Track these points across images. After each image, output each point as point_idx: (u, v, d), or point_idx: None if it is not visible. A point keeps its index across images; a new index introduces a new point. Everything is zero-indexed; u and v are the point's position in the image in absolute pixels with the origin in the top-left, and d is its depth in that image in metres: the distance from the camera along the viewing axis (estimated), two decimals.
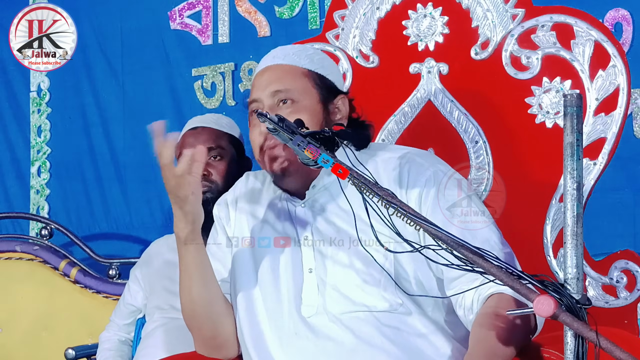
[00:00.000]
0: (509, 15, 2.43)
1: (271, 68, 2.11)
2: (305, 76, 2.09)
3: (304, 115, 2.02)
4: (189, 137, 2.94)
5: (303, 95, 2.06)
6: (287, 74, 2.09)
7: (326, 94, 2.10)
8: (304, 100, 2.06)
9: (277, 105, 2.05)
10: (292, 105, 2.04)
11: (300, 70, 2.10)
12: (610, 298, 2.27)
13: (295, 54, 2.13)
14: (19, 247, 3.82)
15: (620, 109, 2.28)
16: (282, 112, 2.01)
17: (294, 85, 2.07)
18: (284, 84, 2.06)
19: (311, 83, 2.09)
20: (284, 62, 2.11)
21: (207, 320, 2.08)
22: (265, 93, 2.06)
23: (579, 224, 1.55)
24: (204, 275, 2.07)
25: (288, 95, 2.05)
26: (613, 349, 1.45)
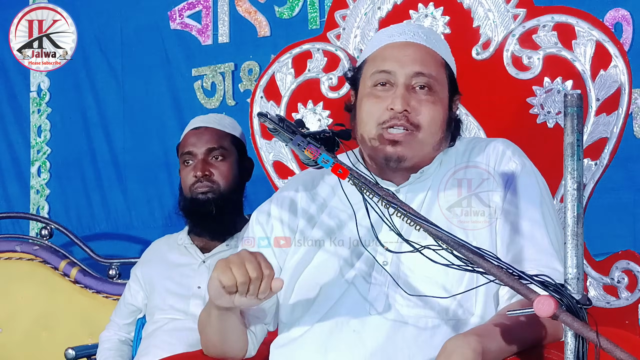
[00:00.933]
0: (510, 15, 2.43)
1: (415, 45, 1.98)
2: (443, 67, 2.00)
3: (438, 106, 1.95)
4: (191, 136, 2.94)
5: (441, 86, 1.98)
6: (431, 59, 1.98)
7: (452, 90, 2.02)
8: (441, 92, 1.97)
9: (412, 87, 1.95)
10: (430, 94, 1.95)
11: (440, 58, 2.00)
12: (611, 298, 2.27)
13: (436, 39, 2.03)
14: (19, 247, 3.82)
15: (622, 109, 2.28)
16: (419, 96, 1.93)
17: (436, 73, 1.97)
18: (429, 68, 1.96)
19: (446, 75, 2.00)
20: (428, 45, 1.99)
21: (217, 348, 2.02)
22: (405, 70, 1.94)
23: (580, 224, 1.54)
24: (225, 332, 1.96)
25: (429, 82, 1.95)
26: (613, 349, 1.44)
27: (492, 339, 1.68)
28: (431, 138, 1.96)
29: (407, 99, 1.93)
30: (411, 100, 1.93)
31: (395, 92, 1.94)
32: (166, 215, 3.98)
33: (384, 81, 1.97)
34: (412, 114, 1.93)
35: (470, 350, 1.60)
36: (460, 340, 1.63)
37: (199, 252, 2.97)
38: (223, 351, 2.02)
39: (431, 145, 1.97)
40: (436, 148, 1.99)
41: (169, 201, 3.93)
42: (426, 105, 1.94)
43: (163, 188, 4.01)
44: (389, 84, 1.96)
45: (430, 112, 1.94)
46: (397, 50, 1.98)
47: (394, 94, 1.94)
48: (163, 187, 4.01)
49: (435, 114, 1.95)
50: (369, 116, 1.96)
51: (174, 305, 2.91)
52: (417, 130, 1.93)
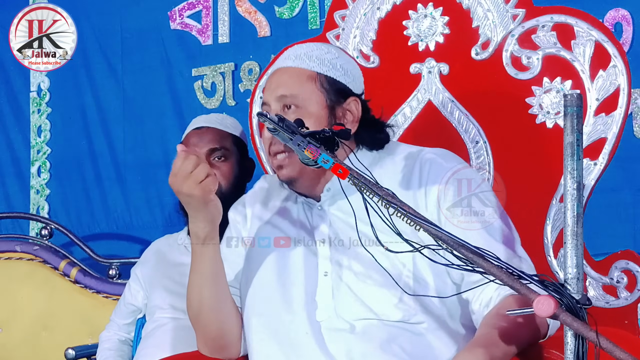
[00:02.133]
0: (510, 15, 2.43)
1: (280, 71, 2.09)
2: (312, 80, 2.06)
3: (309, 120, 1.99)
4: (193, 136, 2.94)
5: (308, 100, 2.04)
6: (293, 78, 2.06)
7: (334, 98, 2.06)
8: (309, 106, 2.03)
9: (282, 110, 2.03)
10: (296, 111, 2.02)
11: (308, 73, 2.06)
12: (610, 298, 2.27)
13: (307, 54, 2.09)
14: (19, 247, 3.82)
15: (621, 109, 2.28)
16: (288, 116, 1.98)
17: (300, 90, 2.04)
18: (290, 88, 2.04)
19: (317, 87, 2.05)
20: (293, 65, 2.08)
21: (214, 320, 2.06)
22: (272, 97, 2.06)
23: (579, 224, 1.55)
24: (217, 275, 2.05)
25: (293, 100, 2.03)
26: (613, 349, 1.45)
27: (496, 346, 1.71)
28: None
29: None
30: None
31: None
32: (166, 215, 3.98)
33: (264, 111, 2.03)
34: None
35: None
36: (468, 355, 1.67)
37: None
38: (224, 321, 2.06)
39: None
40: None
41: (169, 201, 3.93)
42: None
43: (163, 188, 4.00)
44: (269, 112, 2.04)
45: None
46: (269, 80, 2.12)
47: None
48: (163, 187, 4.00)
49: (310, 127, 1.96)
50: (265, 147, 2.09)
51: (174, 305, 2.90)
52: (291, 150, 1.95)
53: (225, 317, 2.07)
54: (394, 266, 1.89)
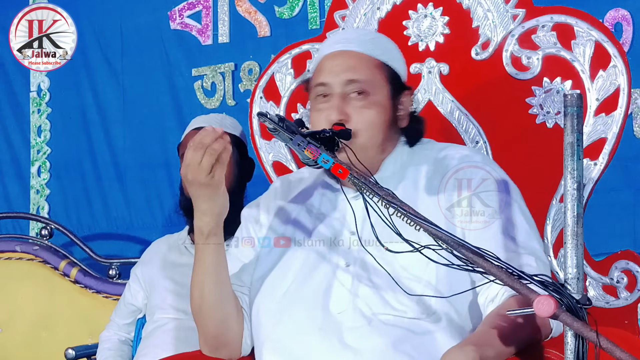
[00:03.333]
0: (510, 15, 2.43)
1: (346, 54, 2.04)
2: (378, 68, 2.03)
3: (375, 109, 1.99)
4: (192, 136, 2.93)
5: (376, 88, 2.01)
6: (363, 64, 2.02)
7: (396, 89, 2.05)
8: (376, 95, 2.01)
9: (348, 94, 2.00)
10: (365, 98, 1.99)
11: (375, 61, 2.04)
12: (610, 298, 2.27)
13: (371, 42, 2.07)
14: (19, 247, 3.82)
15: (621, 109, 2.28)
16: (354, 103, 1.98)
17: (369, 77, 2.01)
18: (360, 73, 2.01)
19: (383, 76, 2.03)
20: (360, 50, 2.04)
21: (214, 317, 2.03)
22: (338, 79, 2.00)
23: (579, 224, 1.55)
24: (219, 273, 2.01)
25: (362, 86, 2.00)
26: (613, 349, 1.45)
27: (489, 345, 1.70)
28: (371, 141, 2.00)
29: (341, 108, 1.98)
30: (346, 108, 1.99)
31: (331, 103, 2.00)
32: (166, 215, 3.98)
33: (323, 93, 2.03)
34: (349, 122, 1.98)
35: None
36: (459, 352, 1.65)
37: None
38: (226, 319, 2.03)
39: (374, 149, 2.02)
40: (381, 150, 2.03)
41: (169, 201, 3.93)
42: (361, 111, 1.98)
43: (163, 188, 4.01)
44: (328, 95, 2.02)
45: (366, 117, 1.99)
46: (330, 61, 2.05)
47: (330, 105, 2.00)
48: (163, 187, 4.01)
49: (372, 118, 1.99)
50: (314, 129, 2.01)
51: (174, 305, 2.91)
52: (355, 136, 1.97)
53: (227, 316, 2.04)
54: (422, 268, 1.86)
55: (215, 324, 2.05)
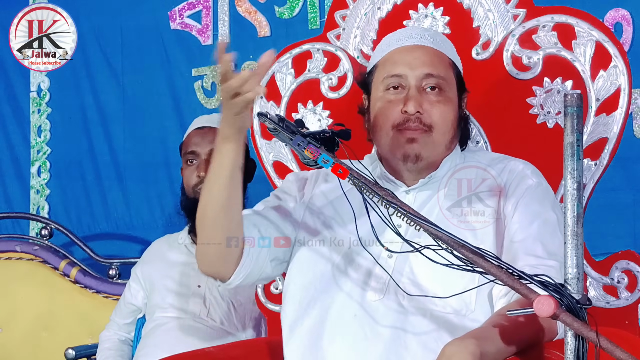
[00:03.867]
0: (510, 15, 2.43)
1: (422, 49, 2.05)
2: (450, 67, 2.07)
3: (448, 106, 2.01)
4: (195, 136, 2.94)
5: (449, 85, 2.04)
6: (439, 60, 2.05)
7: (460, 89, 2.08)
8: (450, 92, 2.04)
9: (423, 88, 2.01)
10: (440, 94, 2.01)
11: (447, 59, 2.07)
12: (611, 298, 2.27)
13: (442, 40, 2.09)
14: (19, 247, 3.82)
15: (622, 109, 2.28)
16: (430, 97, 2.00)
17: (445, 74, 2.04)
18: (438, 69, 2.02)
19: (454, 75, 2.07)
20: (435, 47, 2.06)
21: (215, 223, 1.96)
22: (415, 72, 2.01)
23: (580, 224, 1.54)
24: (232, 178, 1.93)
25: (439, 82, 2.02)
26: (613, 349, 1.45)
27: (490, 341, 1.69)
28: (443, 137, 2.03)
29: (419, 101, 1.99)
30: (423, 102, 2.00)
31: (407, 95, 2.00)
32: (166, 215, 3.98)
33: (396, 84, 2.03)
34: (424, 115, 1.99)
35: (469, 354, 1.61)
36: (458, 344, 1.64)
37: None
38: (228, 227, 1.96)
39: (444, 145, 2.04)
40: (448, 147, 2.05)
41: (169, 201, 3.93)
42: (437, 106, 2.00)
43: (163, 188, 4.01)
44: (400, 87, 2.02)
45: (441, 113, 2.01)
46: (406, 54, 2.04)
47: (406, 97, 2.00)
48: (163, 187, 4.01)
49: (447, 114, 2.02)
50: (385, 119, 2.01)
51: (174, 304, 2.91)
52: (430, 130, 2.00)
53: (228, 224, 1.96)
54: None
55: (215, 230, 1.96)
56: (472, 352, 1.61)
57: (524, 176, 2.01)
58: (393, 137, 2.00)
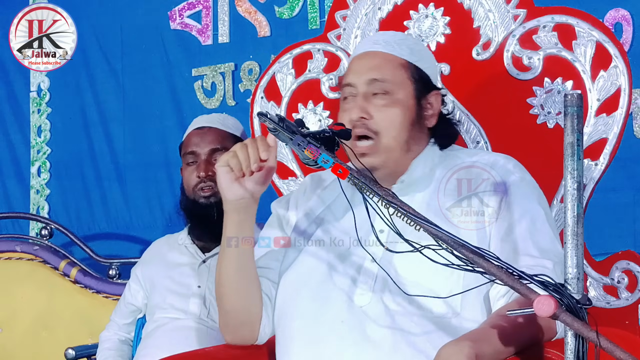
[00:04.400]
0: (511, 15, 2.43)
1: (371, 54, 2.07)
2: (403, 68, 2.05)
3: (397, 109, 2.00)
4: (194, 136, 2.93)
5: (399, 88, 2.03)
6: (386, 63, 2.04)
7: (421, 89, 2.06)
8: (399, 94, 2.02)
9: (371, 94, 2.02)
10: (386, 97, 2.01)
11: (400, 61, 2.05)
12: (611, 298, 2.27)
13: (397, 42, 2.08)
14: (19, 247, 3.82)
15: (622, 110, 2.28)
16: (377, 102, 2.00)
17: (392, 76, 2.03)
18: (382, 73, 2.02)
19: (408, 76, 2.05)
20: (385, 50, 2.06)
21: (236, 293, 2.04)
22: (361, 79, 2.03)
23: (580, 224, 1.54)
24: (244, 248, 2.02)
25: (384, 86, 2.01)
26: (613, 349, 1.45)
27: (487, 343, 1.69)
28: (395, 141, 2.01)
29: (363, 107, 2.00)
30: (369, 108, 2.00)
31: (354, 103, 2.02)
32: (166, 215, 3.98)
33: (347, 94, 2.05)
34: (370, 121, 2.00)
35: (464, 357, 1.61)
36: (454, 346, 1.64)
37: (199, 252, 2.98)
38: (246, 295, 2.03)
39: (398, 148, 2.02)
40: (406, 149, 2.04)
41: (169, 201, 3.93)
42: (383, 110, 2.00)
43: (163, 188, 4.01)
44: (352, 95, 2.04)
45: (387, 117, 2.00)
46: (356, 62, 2.08)
47: (352, 105, 2.02)
48: (163, 187, 4.01)
49: (394, 117, 2.01)
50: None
51: (174, 304, 2.91)
52: (377, 135, 1.99)
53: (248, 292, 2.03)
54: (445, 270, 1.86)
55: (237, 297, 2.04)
56: (467, 355, 1.61)
57: (506, 172, 2.01)
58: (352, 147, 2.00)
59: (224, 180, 1.96)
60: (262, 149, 1.92)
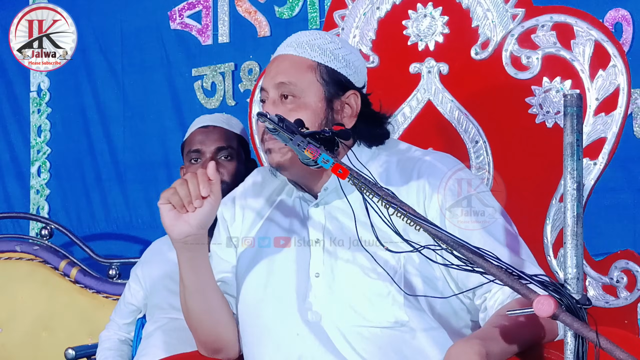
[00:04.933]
0: (509, 15, 2.43)
1: (280, 58, 2.04)
2: (311, 70, 2.00)
3: (304, 112, 1.96)
4: (199, 134, 2.93)
5: (306, 91, 1.98)
6: (294, 67, 2.01)
7: (333, 90, 2.00)
8: (306, 97, 1.98)
9: (280, 98, 1.99)
10: (294, 101, 1.98)
11: (308, 62, 2.01)
12: (610, 298, 2.27)
13: (308, 43, 2.03)
14: (19, 247, 3.82)
15: (621, 109, 2.27)
16: (285, 106, 1.97)
17: (298, 80, 1.99)
18: (289, 76, 1.99)
19: (317, 77, 2.00)
20: (294, 53, 2.02)
21: (204, 327, 2.07)
22: (271, 83, 2.01)
23: (579, 224, 1.54)
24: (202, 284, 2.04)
25: (291, 90, 1.98)
26: (613, 349, 1.45)
27: (495, 342, 1.70)
28: None
29: (272, 111, 1.95)
30: (278, 112, 1.93)
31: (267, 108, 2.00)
32: None
33: (264, 98, 2.04)
34: None
35: (476, 355, 1.62)
36: (464, 345, 1.65)
37: None
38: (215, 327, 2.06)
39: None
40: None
41: None
42: (290, 115, 1.93)
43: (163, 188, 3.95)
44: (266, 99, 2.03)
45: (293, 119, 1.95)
46: (269, 66, 2.06)
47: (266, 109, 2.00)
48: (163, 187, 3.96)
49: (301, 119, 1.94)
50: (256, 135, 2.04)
51: (174, 304, 2.90)
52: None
53: (216, 324, 2.06)
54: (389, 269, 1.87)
55: (208, 332, 2.07)
56: (478, 352, 1.62)
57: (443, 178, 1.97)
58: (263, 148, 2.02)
59: (167, 218, 1.98)
60: (202, 185, 1.93)
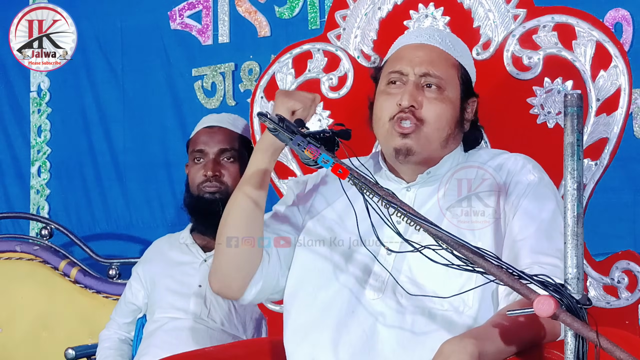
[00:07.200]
0: (511, 15, 2.43)
1: (427, 47, 2.10)
2: (455, 68, 2.10)
3: (446, 105, 2.04)
4: (204, 134, 2.94)
5: (450, 86, 2.07)
6: (442, 60, 2.08)
7: (465, 92, 2.11)
8: (449, 92, 2.06)
9: (422, 85, 2.05)
10: (437, 92, 2.04)
11: (453, 60, 2.10)
12: (611, 298, 2.27)
13: (452, 42, 2.13)
14: (19, 247, 3.82)
15: (622, 110, 2.28)
16: (428, 94, 2.03)
17: (446, 74, 2.07)
18: (438, 68, 2.06)
19: (458, 76, 2.09)
20: (441, 47, 2.10)
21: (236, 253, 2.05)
22: (415, 69, 2.05)
23: (580, 224, 1.55)
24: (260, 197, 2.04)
25: (437, 81, 2.05)
26: (613, 349, 1.45)
27: (489, 341, 1.69)
28: (437, 134, 2.05)
29: (414, 96, 2.03)
30: (419, 97, 2.03)
31: (404, 89, 2.04)
32: (166, 215, 3.98)
33: (396, 80, 2.07)
34: (419, 109, 2.03)
35: (467, 354, 1.61)
36: (457, 343, 1.64)
37: (200, 251, 2.98)
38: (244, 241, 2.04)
39: (438, 142, 2.05)
40: (443, 145, 2.07)
41: (169, 201, 3.93)
42: (433, 102, 2.03)
43: (163, 188, 4.01)
44: (400, 82, 2.07)
45: (436, 109, 2.04)
46: (410, 52, 2.10)
47: (403, 91, 2.04)
48: (163, 187, 4.01)
49: (442, 111, 2.04)
50: (381, 111, 2.07)
51: (175, 304, 2.91)
52: (422, 124, 2.02)
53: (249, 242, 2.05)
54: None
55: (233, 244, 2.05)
56: (470, 352, 1.61)
57: (525, 172, 2.03)
58: (388, 129, 2.04)
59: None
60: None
